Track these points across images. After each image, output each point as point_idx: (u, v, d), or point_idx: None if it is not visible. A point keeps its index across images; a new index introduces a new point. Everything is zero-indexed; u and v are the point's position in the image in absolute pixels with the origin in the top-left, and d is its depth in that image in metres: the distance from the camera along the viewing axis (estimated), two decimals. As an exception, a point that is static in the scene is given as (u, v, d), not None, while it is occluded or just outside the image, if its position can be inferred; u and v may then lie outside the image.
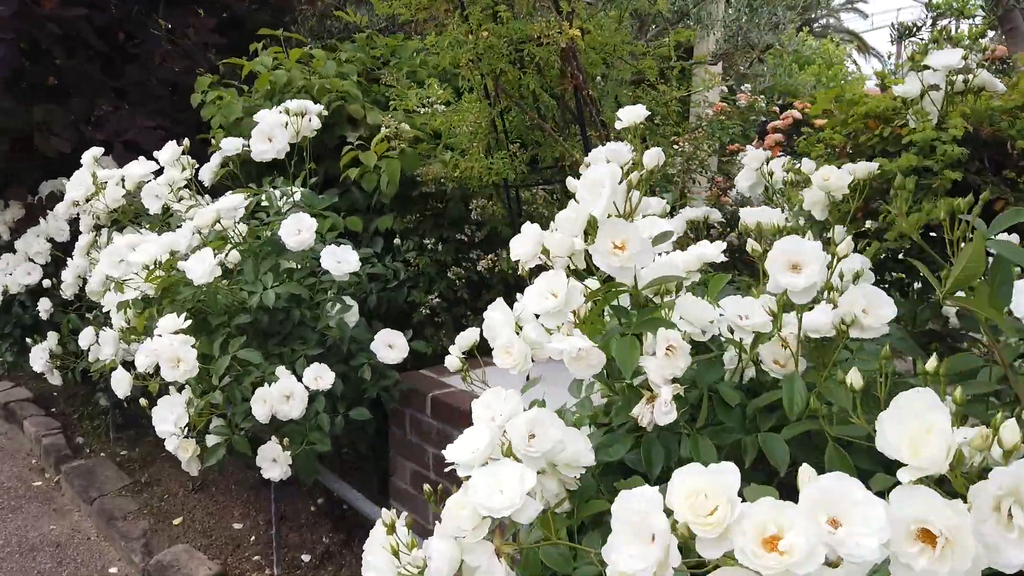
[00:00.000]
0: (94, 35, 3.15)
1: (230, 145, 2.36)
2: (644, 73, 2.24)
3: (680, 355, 1.07)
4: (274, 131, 2.09)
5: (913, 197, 1.43)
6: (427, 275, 2.48)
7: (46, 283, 2.91)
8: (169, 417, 1.83)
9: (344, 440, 2.09)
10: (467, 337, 1.62)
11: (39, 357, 2.71)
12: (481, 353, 1.40)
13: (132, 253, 1.84)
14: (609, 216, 1.08)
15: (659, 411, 1.05)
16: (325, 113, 2.25)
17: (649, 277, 1.16)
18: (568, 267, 1.19)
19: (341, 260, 1.95)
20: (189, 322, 1.79)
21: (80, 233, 2.87)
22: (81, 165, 2.64)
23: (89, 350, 2.62)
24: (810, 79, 6.58)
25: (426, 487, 1.27)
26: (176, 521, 2.86)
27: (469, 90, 2.08)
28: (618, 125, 1.71)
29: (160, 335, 1.74)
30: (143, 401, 1.90)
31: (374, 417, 2.12)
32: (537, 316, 1.16)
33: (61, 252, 3.19)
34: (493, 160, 2.02)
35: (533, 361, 1.18)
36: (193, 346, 1.74)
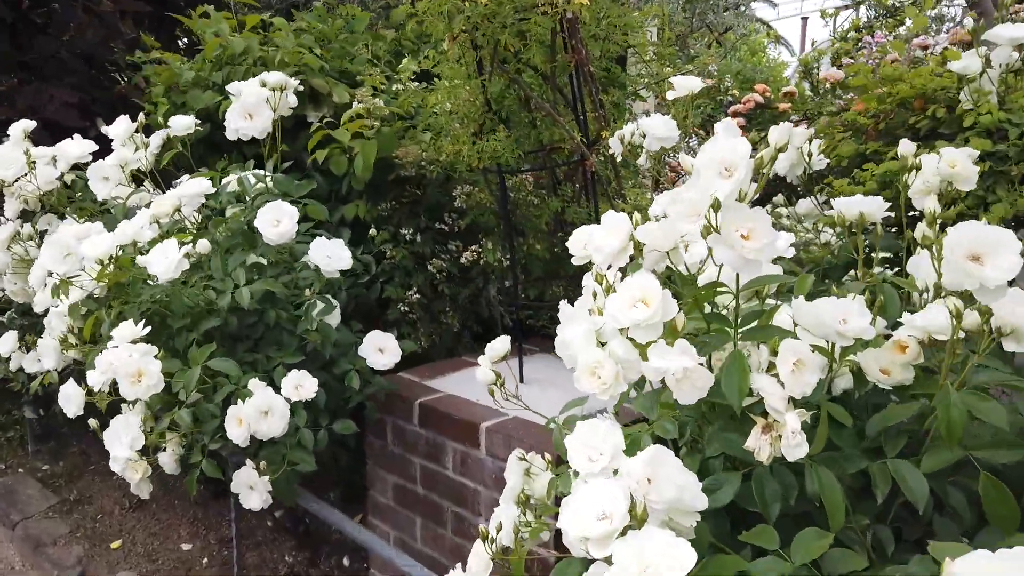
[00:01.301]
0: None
1: (180, 124, 2.04)
2: (636, 50, 2.06)
3: (808, 370, 0.89)
4: (258, 107, 1.80)
5: (984, 185, 1.30)
6: (403, 268, 2.23)
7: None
8: (123, 439, 1.54)
9: (326, 456, 1.84)
10: (498, 347, 1.40)
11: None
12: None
13: (82, 244, 1.53)
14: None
15: (786, 443, 0.86)
16: (300, 88, 1.96)
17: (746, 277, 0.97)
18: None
19: (332, 255, 1.69)
20: (148, 329, 1.50)
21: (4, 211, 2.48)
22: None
23: (10, 359, 2.25)
24: (735, 64, 6.60)
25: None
26: (115, 544, 2.53)
27: (457, 63, 1.84)
28: (670, 95, 1.52)
29: (117, 346, 1.45)
30: (92, 422, 1.59)
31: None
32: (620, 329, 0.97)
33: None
34: (488, 142, 1.79)
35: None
36: (156, 356, 1.45)
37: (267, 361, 1.73)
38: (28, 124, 2.04)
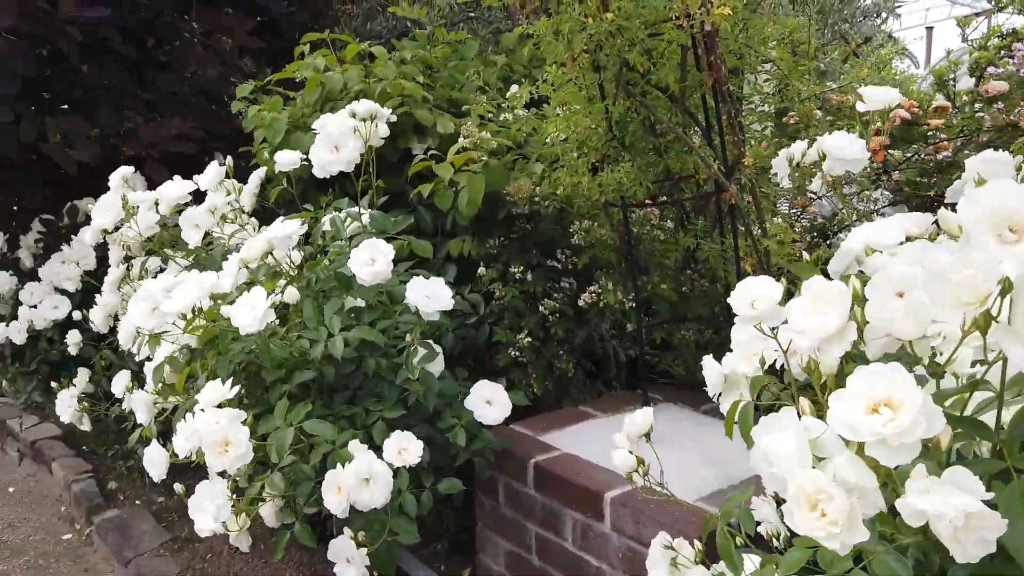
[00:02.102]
0: (122, 40, 2.73)
1: (286, 159, 1.92)
2: (777, 65, 1.78)
3: None
4: (343, 138, 1.65)
5: None
6: (513, 309, 2.03)
7: (76, 314, 2.50)
8: (209, 508, 1.39)
9: (431, 518, 1.65)
10: (640, 422, 1.17)
11: (66, 405, 2.29)
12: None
13: (167, 300, 1.41)
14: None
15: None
16: (393, 118, 1.80)
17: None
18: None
19: (431, 295, 1.50)
20: (236, 390, 1.35)
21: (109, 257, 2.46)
22: (108, 180, 2.23)
23: (124, 398, 2.19)
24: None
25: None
26: (222, 588, 2.44)
27: (576, 87, 1.63)
28: (860, 107, 1.26)
29: (202, 410, 1.30)
30: (178, 487, 1.46)
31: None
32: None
33: (92, 279, 2.78)
34: (610, 173, 1.56)
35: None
36: (244, 422, 1.29)
37: (366, 415, 1.56)
38: (126, 170, 1.98)
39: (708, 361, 1.21)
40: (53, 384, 2.42)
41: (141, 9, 2.76)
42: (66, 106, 2.98)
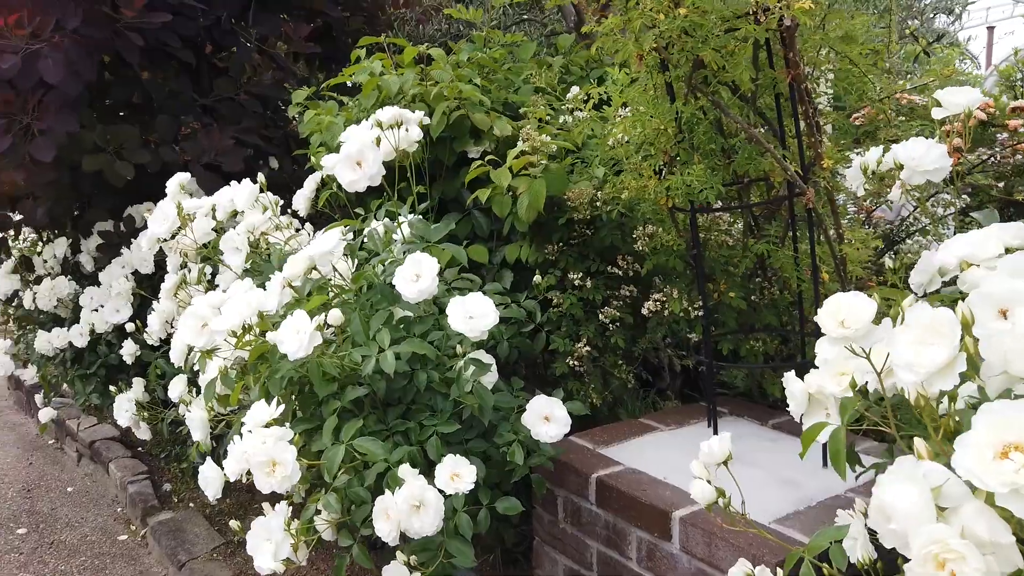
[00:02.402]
0: (181, 46, 2.74)
1: (333, 163, 1.88)
2: (854, 63, 1.67)
3: None
4: (364, 153, 1.58)
5: None
6: (571, 317, 1.96)
7: (129, 326, 2.50)
8: (267, 548, 1.33)
9: (489, 536, 1.59)
10: (718, 451, 1.09)
11: (123, 409, 2.29)
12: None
13: (216, 317, 1.37)
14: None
15: None
16: (426, 121, 1.74)
17: None
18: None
19: (474, 314, 1.43)
20: (281, 410, 1.30)
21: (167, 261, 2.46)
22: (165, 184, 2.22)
23: (179, 404, 2.18)
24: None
25: None
26: (273, 595, 2.41)
27: (642, 88, 1.55)
28: (937, 114, 1.17)
29: (250, 431, 1.26)
30: (234, 524, 1.42)
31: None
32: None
33: (147, 285, 2.79)
34: (679, 175, 1.48)
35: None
36: (291, 441, 1.24)
37: (420, 430, 1.50)
38: (183, 177, 1.96)
39: (791, 379, 1.12)
40: (112, 388, 2.42)
41: (200, 15, 2.77)
42: (123, 113, 3.01)
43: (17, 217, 2.95)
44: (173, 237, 1.85)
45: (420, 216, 1.66)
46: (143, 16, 2.41)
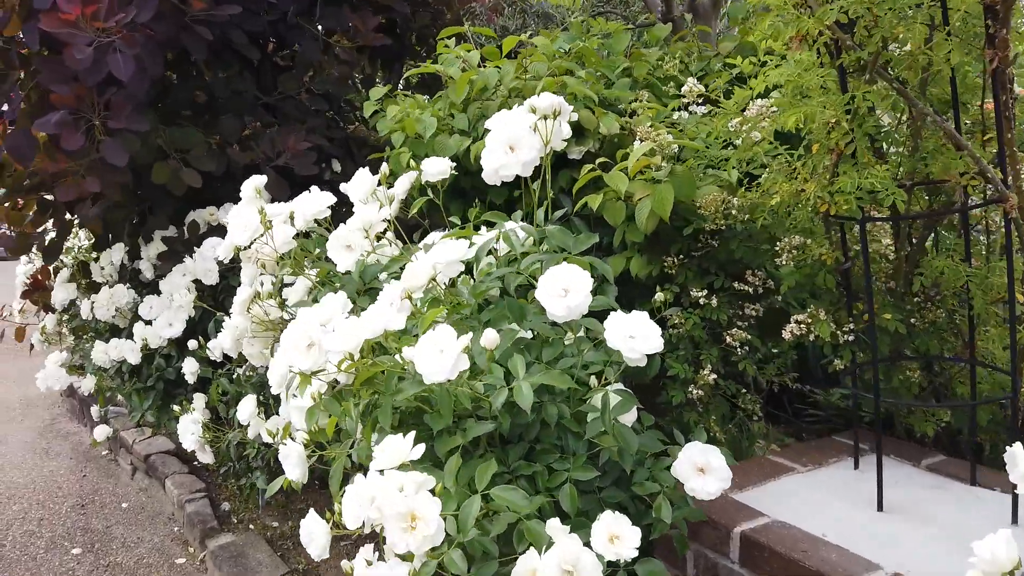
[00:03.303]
0: (247, 42, 2.55)
1: (435, 168, 1.66)
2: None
3: None
4: (520, 137, 1.36)
5: None
6: (690, 339, 1.71)
7: (192, 344, 2.30)
8: None
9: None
10: (1005, 555, 0.84)
11: (188, 431, 2.10)
12: None
13: (327, 336, 1.14)
14: None
15: None
16: (575, 116, 1.51)
17: None
18: None
19: (635, 334, 1.19)
20: (421, 450, 1.07)
21: (233, 272, 2.27)
22: (230, 188, 2.02)
23: (249, 425, 1.98)
24: None
25: None
26: (344, 634, 2.19)
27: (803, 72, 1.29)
28: None
29: (379, 470, 1.03)
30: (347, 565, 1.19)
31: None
32: None
33: (208, 296, 2.60)
34: (859, 176, 1.22)
35: None
36: (435, 491, 1.01)
37: (548, 475, 1.26)
38: (259, 180, 1.75)
39: (1019, 451, 0.93)
40: (175, 408, 2.23)
41: (266, 8, 2.57)
42: (186, 113, 2.83)
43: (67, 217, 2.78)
44: (251, 246, 1.64)
45: (556, 226, 1.42)
46: (212, 8, 2.22)
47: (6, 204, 2.64)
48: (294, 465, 1.28)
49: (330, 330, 1.19)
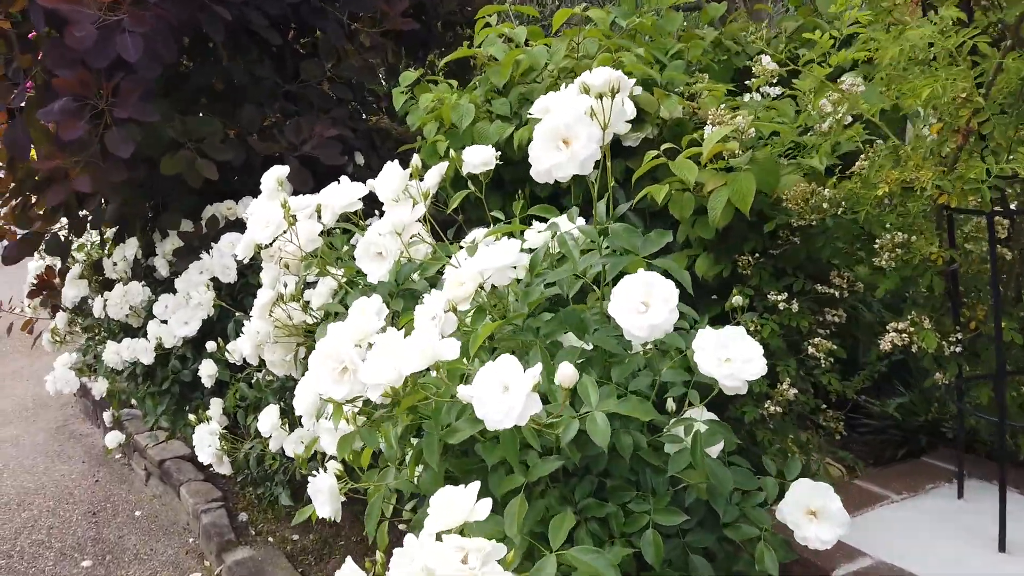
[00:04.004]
0: (268, 25, 2.35)
1: (476, 158, 1.45)
2: None
3: None
4: (575, 127, 1.14)
5: None
6: (765, 348, 1.50)
7: (211, 345, 2.12)
8: None
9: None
10: None
11: (205, 444, 1.91)
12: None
13: (364, 365, 0.94)
14: None
15: None
16: (638, 90, 1.30)
17: None
18: None
19: (733, 356, 0.99)
20: (486, 508, 0.86)
21: (252, 270, 2.08)
22: (249, 180, 1.83)
23: (271, 437, 1.80)
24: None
25: None
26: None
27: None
28: None
29: (436, 534, 0.82)
30: None
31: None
32: None
33: (226, 294, 2.41)
34: (1000, 161, 1.01)
35: None
36: (505, 561, 0.81)
37: (624, 518, 1.06)
38: (282, 170, 1.55)
39: None
40: (191, 417, 2.05)
41: (285, -8, 2.38)
42: (203, 101, 2.64)
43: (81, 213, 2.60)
44: (271, 243, 1.45)
45: (621, 224, 1.21)
46: (229, -15, 2.03)
47: (14, 203, 2.46)
48: (325, 501, 1.08)
49: (366, 352, 0.99)
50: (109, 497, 3.05)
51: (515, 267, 1.15)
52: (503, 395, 0.85)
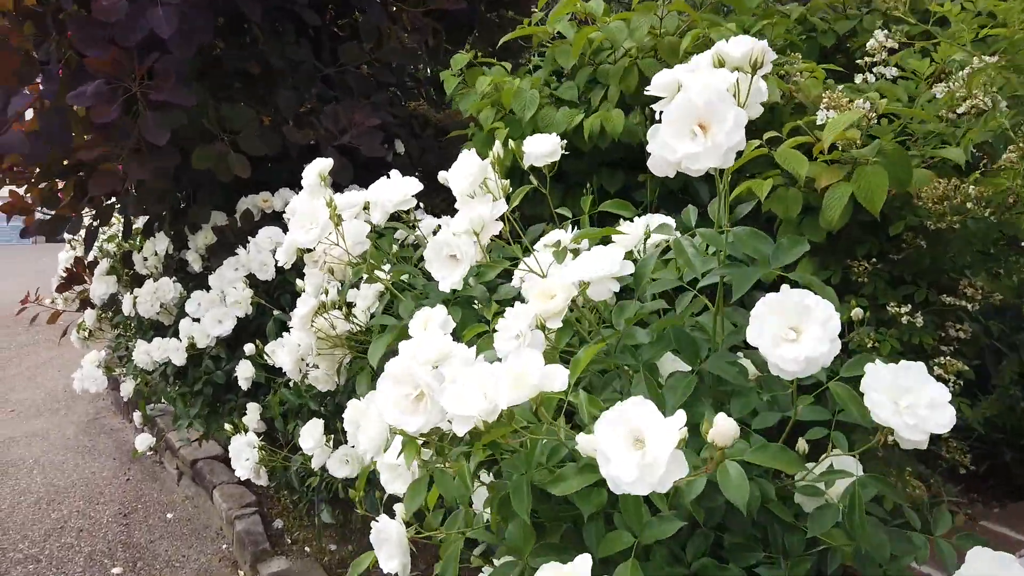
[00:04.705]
0: (306, 4, 2.16)
1: (539, 148, 1.24)
2: None
3: None
4: (718, 108, 0.90)
5: None
6: (881, 369, 1.29)
7: (249, 348, 1.95)
8: None
9: None
10: None
11: (243, 456, 1.74)
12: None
13: (448, 393, 0.74)
14: None
15: None
16: (775, 57, 1.08)
17: None
18: None
19: (916, 402, 0.77)
20: (588, 565, 0.67)
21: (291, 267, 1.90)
22: (284, 170, 1.64)
23: (313, 455, 1.62)
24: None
25: None
26: None
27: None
28: None
29: None
30: None
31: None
32: None
33: (262, 291, 2.24)
34: None
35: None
36: None
37: (753, 586, 0.87)
38: (325, 164, 1.35)
39: None
40: (227, 428, 1.88)
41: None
42: (236, 86, 2.46)
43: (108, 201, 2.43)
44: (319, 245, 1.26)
45: (743, 228, 1.01)
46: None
47: (41, 186, 2.30)
48: (393, 555, 0.89)
49: (445, 374, 0.80)
50: (140, 497, 2.92)
51: (617, 278, 0.95)
52: (635, 452, 0.65)
